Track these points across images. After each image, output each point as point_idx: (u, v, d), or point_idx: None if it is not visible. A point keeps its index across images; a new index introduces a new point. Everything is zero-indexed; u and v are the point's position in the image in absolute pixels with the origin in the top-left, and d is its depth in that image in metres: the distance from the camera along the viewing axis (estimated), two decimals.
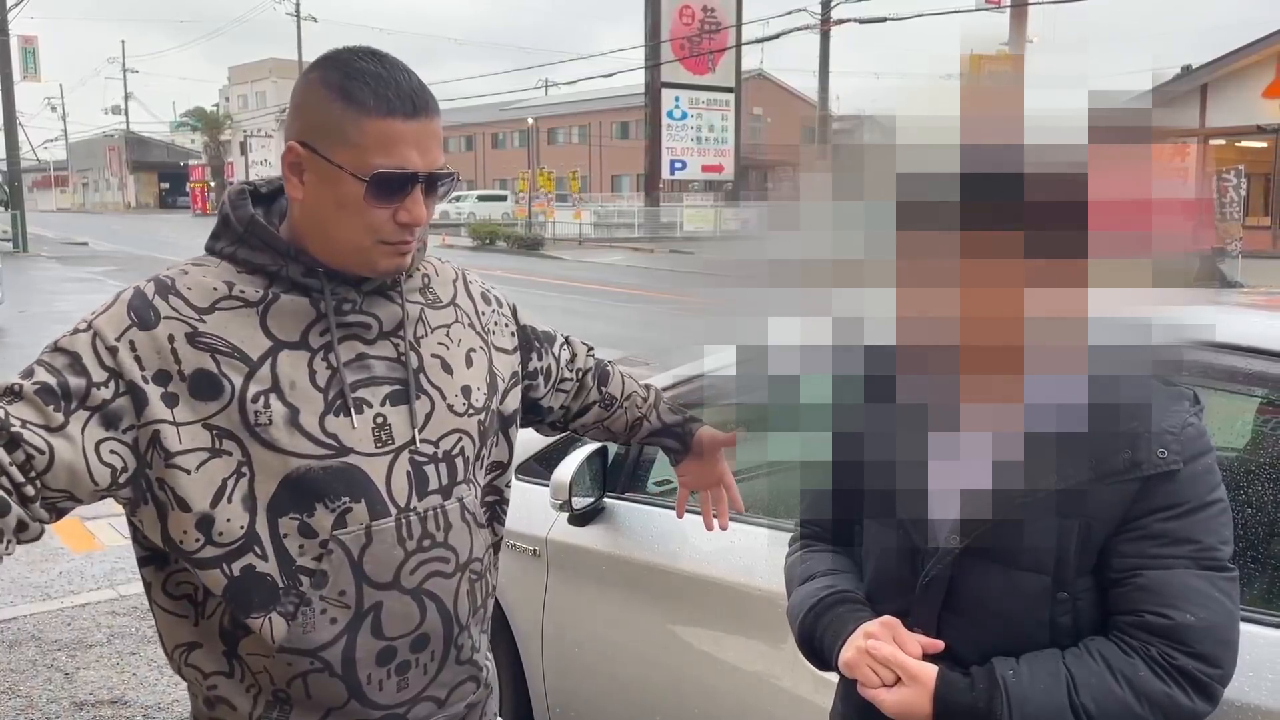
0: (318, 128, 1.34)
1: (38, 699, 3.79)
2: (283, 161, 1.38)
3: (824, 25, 32.89)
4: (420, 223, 1.38)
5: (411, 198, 1.36)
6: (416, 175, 1.35)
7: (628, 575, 2.52)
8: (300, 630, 1.37)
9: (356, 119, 1.32)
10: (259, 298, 1.39)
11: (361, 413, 1.40)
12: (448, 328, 1.55)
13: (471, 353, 1.57)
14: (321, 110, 1.34)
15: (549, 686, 2.77)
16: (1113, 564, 1.26)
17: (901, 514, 1.36)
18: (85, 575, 5.05)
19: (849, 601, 1.42)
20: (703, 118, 39.66)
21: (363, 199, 1.34)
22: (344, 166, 1.33)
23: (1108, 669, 1.22)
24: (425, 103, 1.36)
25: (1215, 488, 1.26)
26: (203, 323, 1.35)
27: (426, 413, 1.47)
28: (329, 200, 1.36)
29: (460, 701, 1.54)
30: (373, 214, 1.35)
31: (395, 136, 1.33)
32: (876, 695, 1.31)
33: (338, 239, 1.38)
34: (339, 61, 1.36)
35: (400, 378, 1.45)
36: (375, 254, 1.39)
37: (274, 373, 1.36)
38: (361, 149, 1.32)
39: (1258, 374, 1.71)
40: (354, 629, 1.39)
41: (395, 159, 1.33)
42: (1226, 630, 1.24)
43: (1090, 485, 1.23)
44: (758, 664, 2.22)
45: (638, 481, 2.66)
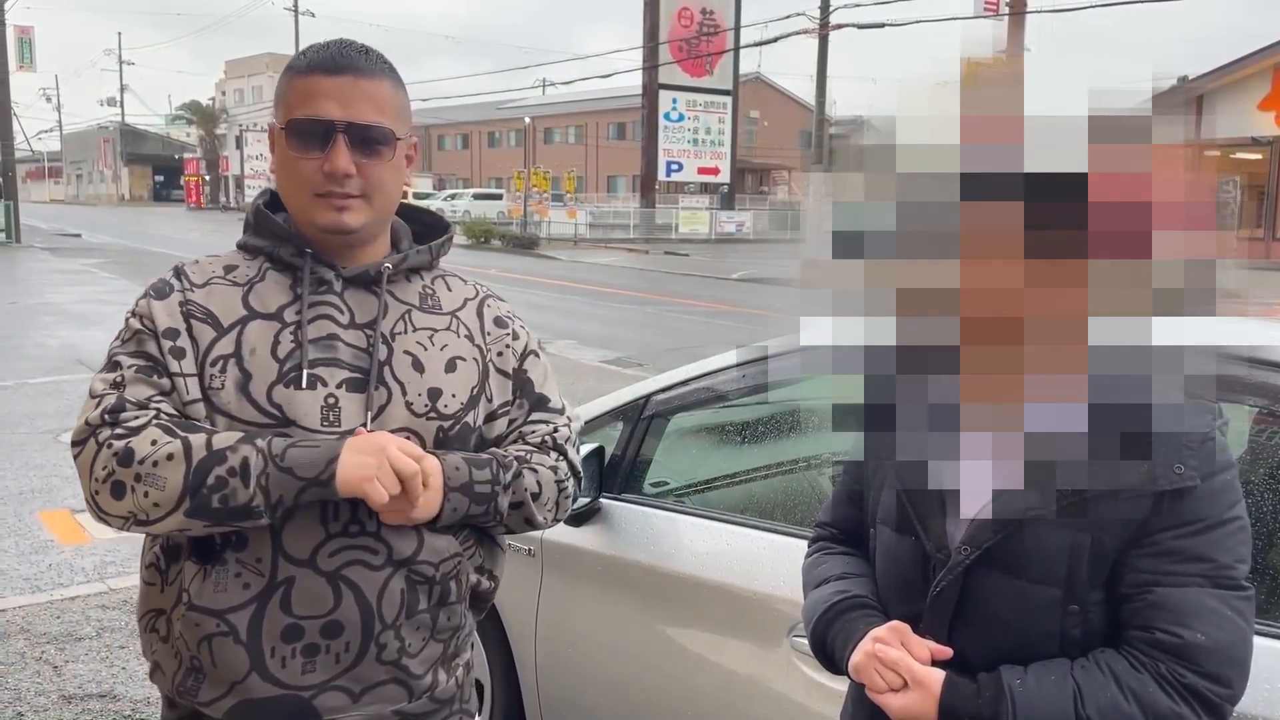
0: (275, 102, 1.51)
1: (26, 691, 3.77)
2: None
3: (822, 29, 32.93)
4: (341, 171, 1.43)
5: (334, 148, 1.43)
6: (333, 123, 1.43)
7: (622, 576, 2.52)
8: (210, 588, 1.42)
9: (288, 80, 1.48)
10: (249, 277, 1.52)
11: (314, 389, 1.45)
12: (434, 332, 1.55)
13: (458, 360, 1.55)
14: (278, 87, 1.51)
15: (541, 686, 2.77)
16: (1125, 579, 1.25)
17: (916, 519, 1.36)
18: (75, 568, 5.03)
19: (862, 607, 1.42)
20: (699, 120, 39.71)
21: (287, 149, 1.46)
22: (277, 124, 1.48)
23: (1116, 683, 1.21)
24: (353, 63, 1.46)
25: (1234, 505, 1.24)
26: (192, 293, 1.49)
27: (381, 404, 1.48)
28: (278, 161, 1.50)
29: (383, 704, 1.49)
30: (300, 165, 1.46)
31: (313, 89, 1.44)
32: (883, 699, 1.31)
33: (287, 200, 1.51)
34: (307, 48, 1.52)
35: (363, 366, 1.48)
36: (312, 209, 1.47)
37: (239, 339, 1.45)
38: (288, 105, 1.47)
39: (1259, 385, 1.71)
40: (264, 599, 1.42)
41: (310, 109, 1.44)
42: (1238, 650, 1.22)
43: (1105, 499, 1.22)
44: (750, 666, 2.21)
45: (634, 482, 2.66)
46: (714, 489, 2.85)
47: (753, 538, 2.29)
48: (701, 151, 39.93)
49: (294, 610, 1.42)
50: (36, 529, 5.58)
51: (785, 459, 2.85)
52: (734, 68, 40.58)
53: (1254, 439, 1.95)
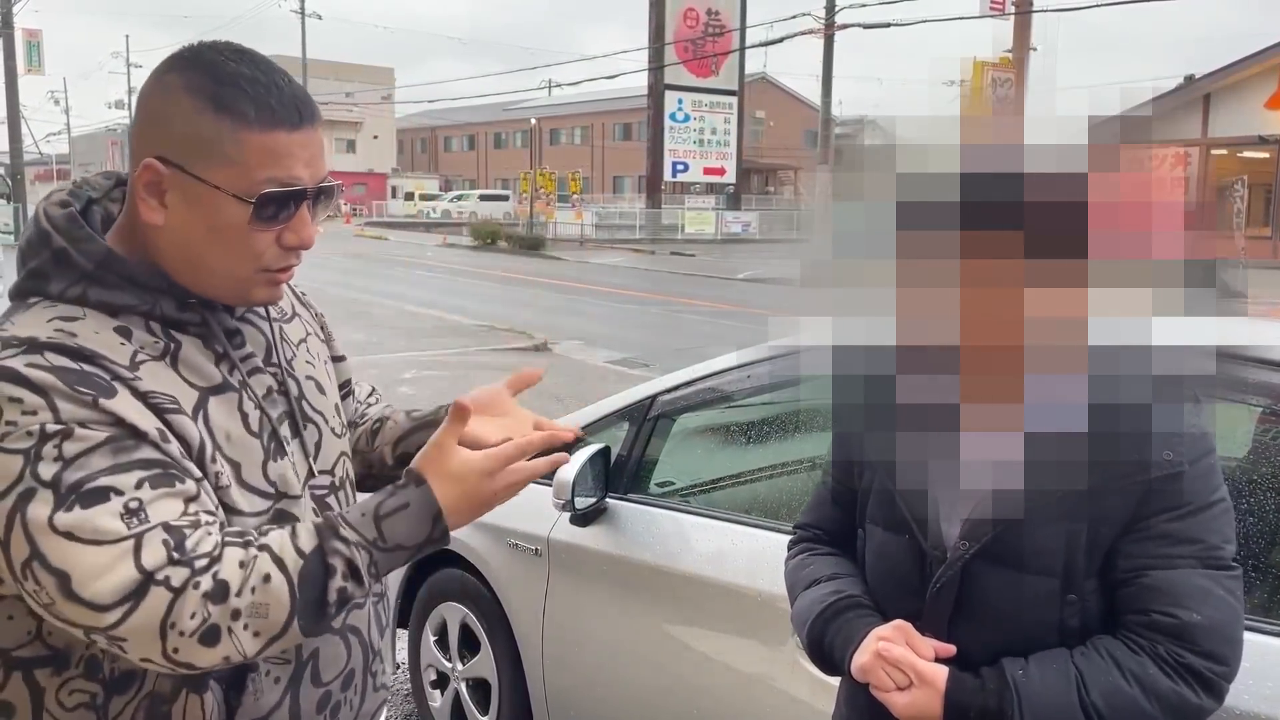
0: (185, 142, 1.16)
1: None
2: (136, 182, 1.18)
3: (827, 30, 32.93)
4: (309, 244, 1.24)
5: (299, 218, 1.21)
6: (305, 192, 1.20)
7: (629, 576, 2.53)
8: (253, 699, 1.26)
9: (235, 132, 1.15)
10: (159, 346, 1.21)
11: (285, 453, 1.30)
12: (305, 341, 1.44)
13: (326, 365, 1.49)
14: (189, 122, 1.16)
15: (549, 686, 2.78)
16: (1119, 565, 1.27)
17: (911, 518, 1.37)
18: None
19: (858, 607, 1.43)
20: (705, 120, 39.70)
21: (247, 223, 1.18)
22: (222, 187, 1.16)
23: (1116, 667, 1.24)
24: (309, 110, 1.21)
25: (1218, 488, 1.28)
26: (137, 381, 1.16)
27: (315, 441, 1.36)
28: (200, 225, 1.19)
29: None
30: (256, 239, 1.20)
31: (281, 150, 1.17)
32: (889, 698, 1.32)
33: (211, 268, 1.22)
34: (203, 63, 1.18)
35: (285, 410, 1.33)
36: (253, 284, 1.24)
37: (209, 427, 1.21)
38: (244, 166, 1.16)
39: (1261, 384, 1.72)
40: (296, 682, 1.31)
41: (282, 174, 1.17)
42: (1232, 628, 1.25)
43: (1098, 488, 1.24)
44: (757, 666, 2.22)
45: (640, 483, 2.67)
46: (719, 489, 2.86)
47: (758, 538, 2.30)
48: (707, 152, 39.93)
49: (322, 679, 1.34)
50: None
51: (790, 459, 2.86)
52: (739, 68, 40.57)
53: (1258, 439, 1.96)
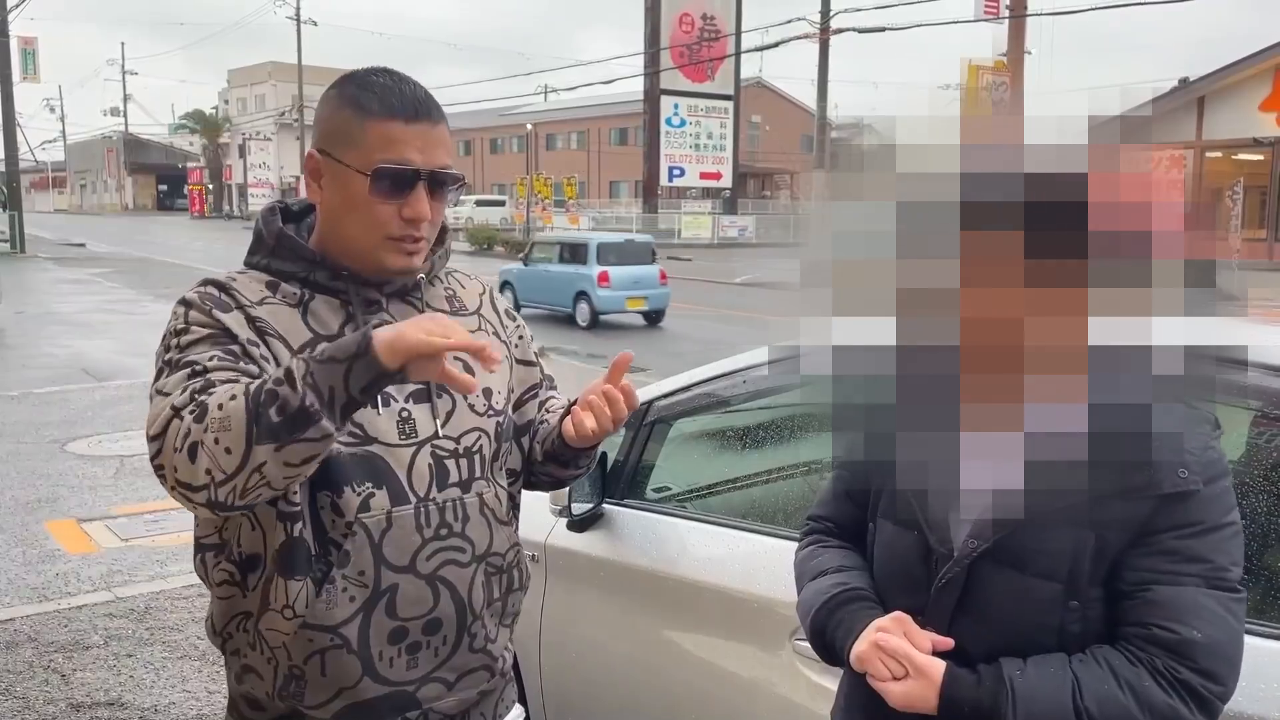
0: (332, 134, 1.50)
1: (34, 700, 3.79)
2: (305, 170, 1.55)
3: (823, 34, 32.99)
4: (423, 218, 1.49)
5: (414, 194, 1.48)
6: (418, 171, 1.47)
7: (625, 581, 2.53)
8: (324, 606, 1.47)
9: (362, 122, 1.47)
10: (298, 299, 1.53)
11: (388, 405, 1.51)
12: (470, 332, 1.56)
13: None
14: (335, 119, 1.50)
15: (546, 691, 2.78)
16: (1125, 576, 1.28)
17: (921, 515, 1.38)
18: (82, 577, 5.05)
19: (861, 599, 1.45)
20: (701, 125, 39.77)
21: (368, 194, 1.46)
22: (350, 165, 1.47)
23: (1113, 676, 1.24)
24: (428, 109, 1.49)
25: (1230, 510, 1.28)
26: (256, 308, 1.49)
27: (448, 410, 1.57)
28: (341, 199, 1.50)
29: (472, 688, 1.62)
30: (378, 209, 1.48)
31: (396, 136, 1.46)
32: (885, 687, 1.33)
33: (350, 237, 1.51)
34: (355, 77, 1.52)
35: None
36: (383, 251, 1.51)
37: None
38: (366, 149, 1.46)
39: (1257, 388, 1.72)
40: (370, 608, 1.49)
41: (396, 156, 1.46)
42: (1231, 648, 1.26)
43: (1106, 495, 1.25)
44: (754, 670, 2.23)
45: (636, 488, 2.67)
46: (716, 494, 2.86)
47: (755, 542, 2.30)
48: (703, 156, 39.99)
49: (399, 614, 1.51)
50: (43, 538, 5.60)
51: (787, 464, 2.86)
52: (735, 72, 40.64)
53: (1252, 441, 1.96)
